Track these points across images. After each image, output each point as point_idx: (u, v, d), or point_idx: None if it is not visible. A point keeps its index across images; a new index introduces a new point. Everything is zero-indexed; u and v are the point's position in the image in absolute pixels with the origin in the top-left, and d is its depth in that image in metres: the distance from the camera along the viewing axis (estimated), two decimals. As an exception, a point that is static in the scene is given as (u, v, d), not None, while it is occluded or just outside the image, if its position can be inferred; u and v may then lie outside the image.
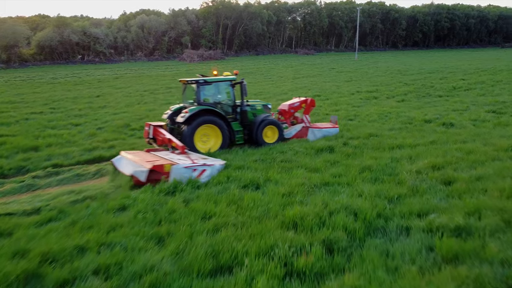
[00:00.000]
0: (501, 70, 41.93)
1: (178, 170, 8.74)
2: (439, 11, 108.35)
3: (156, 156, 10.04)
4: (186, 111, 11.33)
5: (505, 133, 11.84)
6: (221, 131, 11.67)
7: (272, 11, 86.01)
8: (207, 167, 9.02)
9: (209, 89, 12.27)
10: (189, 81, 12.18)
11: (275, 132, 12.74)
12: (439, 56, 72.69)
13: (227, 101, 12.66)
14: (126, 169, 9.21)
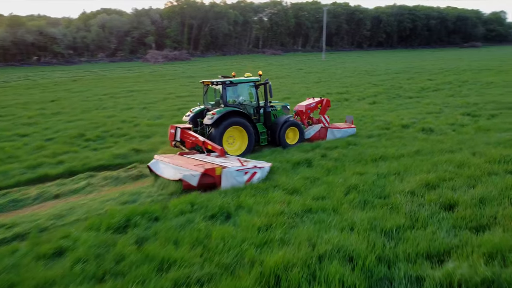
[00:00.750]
0: (464, 70, 42.57)
1: (230, 174, 8.47)
2: (401, 12, 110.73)
3: (197, 159, 9.65)
4: (214, 112, 11.08)
5: (488, 139, 11.16)
6: (248, 133, 11.54)
7: (238, 11, 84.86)
8: (258, 170, 8.81)
9: (234, 90, 12.13)
10: (214, 82, 11.94)
11: (296, 133, 12.68)
12: (403, 56, 73.81)
13: (251, 102, 12.50)
14: (168, 173, 8.92)
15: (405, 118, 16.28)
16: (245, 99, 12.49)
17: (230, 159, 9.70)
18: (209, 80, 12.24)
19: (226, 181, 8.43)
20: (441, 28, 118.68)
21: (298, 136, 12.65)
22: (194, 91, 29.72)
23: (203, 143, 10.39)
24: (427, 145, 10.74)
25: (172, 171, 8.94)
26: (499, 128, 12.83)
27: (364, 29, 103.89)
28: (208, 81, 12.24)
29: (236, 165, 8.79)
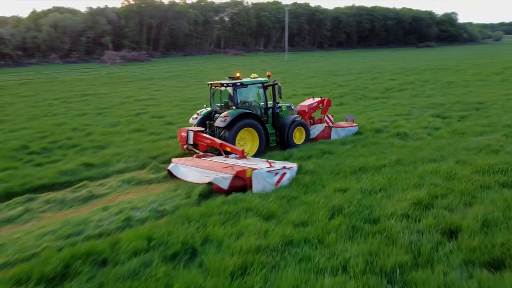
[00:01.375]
0: (424, 70, 43.29)
1: (261, 175, 8.26)
2: (360, 12, 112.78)
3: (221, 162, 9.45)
4: (226, 114, 10.93)
5: (467, 144, 10.65)
6: (259, 134, 11.47)
7: (198, 10, 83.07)
8: (287, 170, 8.63)
9: (244, 91, 11.95)
10: (223, 84, 11.76)
11: (302, 133, 12.75)
12: (364, 56, 74.85)
13: (259, 103, 12.40)
14: (193, 176, 8.76)
15: (376, 121, 15.70)
16: (254, 100, 12.41)
17: (251, 160, 9.63)
18: (218, 82, 12.05)
19: (257, 183, 8.25)
20: (398, 29, 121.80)
21: (304, 136, 12.74)
22: (155, 94, 28.12)
23: (220, 146, 10.34)
24: (406, 152, 10.05)
25: (197, 174, 8.78)
26: (473, 132, 12.42)
27: (325, 29, 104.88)
28: (217, 82, 12.05)
29: (263, 166, 8.60)
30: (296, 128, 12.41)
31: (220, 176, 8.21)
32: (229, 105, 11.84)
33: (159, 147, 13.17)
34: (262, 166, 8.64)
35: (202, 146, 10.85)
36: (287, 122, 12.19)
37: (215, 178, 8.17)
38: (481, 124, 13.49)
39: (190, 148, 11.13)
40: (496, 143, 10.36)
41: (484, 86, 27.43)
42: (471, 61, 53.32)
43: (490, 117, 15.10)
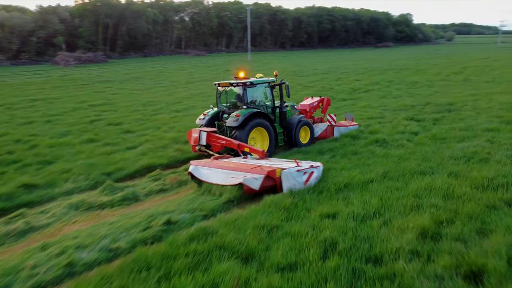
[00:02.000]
0: (387, 70, 43.59)
1: (291, 174, 8.17)
2: (320, 13, 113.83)
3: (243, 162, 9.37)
4: (238, 114, 10.80)
5: (452, 152, 9.92)
6: (269, 134, 11.44)
7: (157, 9, 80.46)
8: (315, 169, 8.59)
9: (253, 91, 11.82)
10: (233, 83, 11.58)
11: (307, 132, 12.78)
12: (326, 56, 75.18)
13: (266, 102, 12.29)
14: (217, 178, 8.65)
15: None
16: (261, 100, 12.26)
17: (272, 160, 9.66)
18: (227, 82, 11.90)
19: (288, 182, 8.13)
20: (357, 29, 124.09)
21: (309, 135, 12.77)
22: (111, 98, 26.15)
23: (238, 146, 10.22)
24: (390, 163, 9.16)
25: (222, 175, 8.66)
26: (454, 137, 11.79)
27: (286, 29, 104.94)
28: (227, 82, 11.90)
29: (291, 165, 8.51)
30: (302, 128, 12.45)
31: (250, 177, 8.06)
32: (237, 105, 11.76)
33: (114, 161, 11.68)
34: (290, 165, 8.56)
35: (217, 147, 10.61)
36: (294, 122, 12.21)
37: (246, 179, 8.00)
38: (459, 127, 12.93)
39: (202, 149, 10.83)
40: (482, 151, 9.71)
41: (448, 86, 27.52)
42: (430, 60, 54.51)
43: (465, 120, 14.65)
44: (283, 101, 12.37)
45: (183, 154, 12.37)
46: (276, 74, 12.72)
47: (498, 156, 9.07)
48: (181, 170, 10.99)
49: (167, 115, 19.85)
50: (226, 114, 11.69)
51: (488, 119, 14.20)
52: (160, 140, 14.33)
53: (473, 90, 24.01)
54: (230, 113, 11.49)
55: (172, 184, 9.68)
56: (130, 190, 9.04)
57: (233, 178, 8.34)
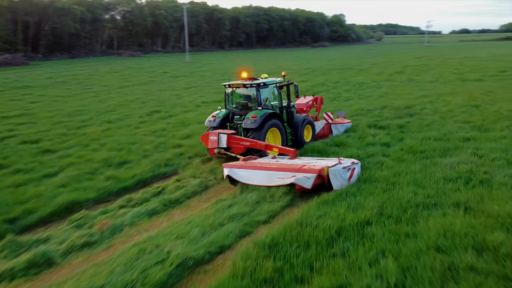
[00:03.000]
0: (330, 70, 43.19)
1: (338, 172, 8.28)
2: (257, 12, 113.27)
3: (281, 162, 9.32)
4: (254, 115, 10.76)
5: (443, 172, 8.47)
6: (281, 134, 11.51)
7: (85, 7, 74.55)
8: (356, 166, 8.81)
9: (265, 92, 11.75)
10: (246, 84, 11.33)
11: (309, 131, 12.93)
12: (266, 56, 74.27)
13: (275, 103, 12.20)
14: (260, 179, 8.54)
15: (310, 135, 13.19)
16: (270, 100, 12.13)
17: (304, 159, 9.76)
18: (239, 83, 11.52)
19: (336, 180, 8.25)
20: (294, 29, 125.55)
21: (311, 134, 12.94)
22: (30, 107, 22.38)
23: (265, 147, 10.19)
24: (379, 192, 7.44)
25: (264, 176, 8.62)
26: (433, 150, 10.48)
27: (224, 29, 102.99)
28: (239, 83, 11.51)
29: (333, 163, 8.63)
30: (305, 127, 12.58)
31: (302, 176, 8.11)
32: (248, 106, 11.68)
33: (23, 198, 8.91)
34: (333, 163, 8.66)
35: (239, 149, 10.41)
36: (299, 121, 12.33)
37: (297, 179, 8.04)
38: (433, 137, 11.71)
39: (222, 152, 10.57)
40: (477, 169, 8.40)
41: (395, 86, 27.10)
42: (368, 60, 55.34)
43: (432, 126, 13.59)
44: (290, 101, 12.43)
45: (117, 182, 9.89)
46: (284, 74, 12.78)
47: (500, 177, 7.77)
48: (114, 207, 8.53)
49: (97, 127, 16.96)
50: (238, 116, 11.63)
51: (457, 125, 13.23)
52: (88, 163, 11.66)
53: (422, 91, 23.58)
54: (241, 114, 11.49)
55: (102, 232, 7.25)
56: (41, 248, 6.47)
57: (279, 179, 8.32)
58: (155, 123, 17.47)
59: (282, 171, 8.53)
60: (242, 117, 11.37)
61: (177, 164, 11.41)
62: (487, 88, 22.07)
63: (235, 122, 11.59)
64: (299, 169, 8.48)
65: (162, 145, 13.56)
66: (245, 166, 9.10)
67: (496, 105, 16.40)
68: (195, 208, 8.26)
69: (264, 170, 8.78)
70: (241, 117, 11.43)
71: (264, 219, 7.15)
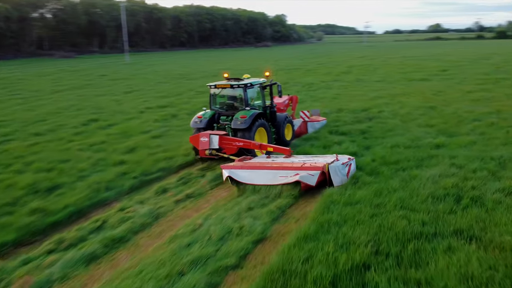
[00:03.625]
0: (277, 70, 42.54)
1: (338, 168, 8.50)
2: (199, 12, 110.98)
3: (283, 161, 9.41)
4: (243, 116, 10.77)
5: (429, 189, 7.54)
6: (267, 133, 11.62)
7: (10, 5, 68.28)
8: (352, 162, 9.06)
9: (251, 92, 11.74)
10: (234, 85, 11.20)
11: (290, 130, 13.03)
12: (210, 56, 72.55)
13: (259, 102, 12.25)
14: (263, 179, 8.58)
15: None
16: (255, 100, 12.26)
17: (299, 157, 9.85)
18: (226, 83, 11.40)
19: (336, 176, 8.44)
20: (237, 29, 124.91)
21: (291, 132, 13.07)
22: None
23: (260, 147, 10.20)
24: (366, 220, 6.37)
25: (267, 176, 8.61)
26: (407, 159, 9.67)
27: (165, 28, 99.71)
28: (226, 84, 11.38)
29: (331, 160, 8.74)
30: (286, 126, 12.66)
31: (306, 174, 8.25)
32: (234, 106, 11.69)
33: None
34: (331, 159, 8.80)
35: (231, 149, 10.40)
36: (281, 120, 12.40)
37: (302, 176, 8.18)
38: (403, 144, 10.95)
39: (214, 153, 10.51)
40: (462, 183, 7.61)
41: (345, 87, 26.77)
42: (314, 60, 55.58)
43: (395, 130, 12.95)
44: (273, 101, 12.48)
45: (45, 216, 8.00)
46: (267, 75, 12.88)
47: (490, 193, 7.02)
48: (41, 252, 6.73)
49: (22, 141, 14.61)
50: (224, 116, 11.57)
51: (421, 129, 12.67)
52: (8, 191, 9.60)
53: (373, 91, 23.33)
54: (228, 114, 11.48)
55: (25, 293, 5.51)
56: None
57: (282, 177, 8.41)
58: (93, 135, 15.42)
59: (285, 170, 8.59)
60: (229, 117, 11.39)
61: (121, 187, 9.70)
62: (436, 88, 22.23)
63: (222, 123, 11.55)
64: (301, 167, 8.54)
65: (101, 162, 11.70)
66: (246, 167, 9.07)
67: (451, 106, 16.25)
68: (146, 249, 6.69)
69: (266, 169, 8.80)
70: (228, 117, 11.45)
71: (234, 263, 5.79)
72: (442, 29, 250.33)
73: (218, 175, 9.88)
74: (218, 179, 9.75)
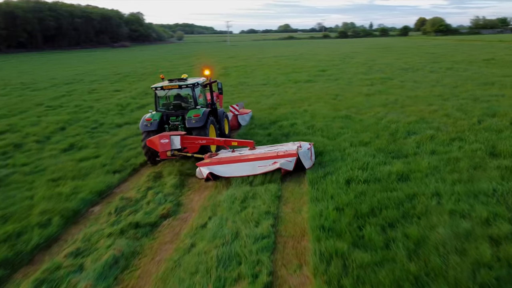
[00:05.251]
0: (144, 74, 37.72)
1: (306, 153, 9.48)
2: (40, 8, 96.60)
3: (254, 153, 10.13)
4: (197, 114, 10.95)
5: (467, 267, 4.99)
6: (215, 129, 12.03)
7: None
8: (311, 147, 9.93)
9: (197, 91, 11.91)
10: (181, 85, 11.31)
11: (226, 124, 13.44)
12: (59, 59, 62.74)
13: (201, 101, 12.33)
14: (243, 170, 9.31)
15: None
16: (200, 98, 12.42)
17: (262, 148, 10.65)
18: (173, 84, 11.31)
19: (306, 160, 9.39)
20: (88, 28, 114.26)
21: (227, 126, 13.47)
22: None
23: (225, 142, 10.59)
24: None
25: (247, 167, 9.32)
26: (382, 207, 7.02)
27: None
28: (173, 84, 11.31)
29: (294, 147, 9.79)
30: (225, 120, 13.17)
31: (285, 161, 9.05)
32: (182, 106, 11.69)
33: None
34: (295, 147, 9.80)
35: (194, 148, 10.52)
36: (221, 116, 12.75)
37: (282, 163, 8.99)
38: (359, 178, 8.33)
39: (176, 154, 10.53)
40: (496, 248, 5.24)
41: (231, 92, 23.94)
42: (182, 61, 51.80)
43: (330, 154, 10.38)
44: (213, 98, 12.87)
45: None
46: (207, 73, 13.03)
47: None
48: None
49: None
50: (174, 117, 11.42)
51: (359, 150, 10.18)
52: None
53: (267, 98, 20.94)
54: (177, 115, 11.41)
55: None
56: None
57: (261, 167, 9.15)
58: None
59: (262, 160, 9.26)
60: (179, 117, 11.35)
61: None
62: (331, 91, 20.89)
63: (173, 123, 11.43)
64: (277, 155, 9.33)
65: None
66: (223, 161, 9.56)
67: (365, 114, 14.60)
68: None
69: (244, 162, 9.37)
70: (177, 118, 11.38)
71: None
72: (292, 29, 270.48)
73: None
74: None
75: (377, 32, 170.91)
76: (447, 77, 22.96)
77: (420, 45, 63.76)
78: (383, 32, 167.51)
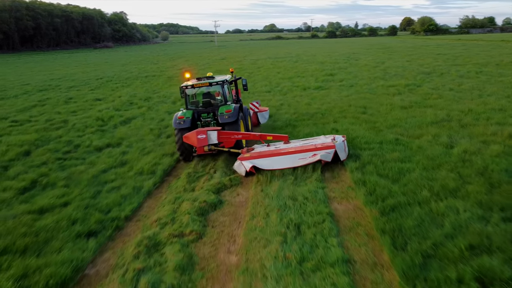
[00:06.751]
0: (128, 78, 33.94)
1: (340, 145, 9.82)
2: (17, 7, 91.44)
3: (293, 146, 10.35)
4: (228, 110, 11.08)
5: None
6: (244, 125, 12.19)
7: None
8: (345, 139, 10.33)
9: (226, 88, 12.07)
10: (212, 83, 11.71)
11: (249, 120, 13.22)
12: (36, 62, 58.29)
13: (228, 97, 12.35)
14: (286, 163, 9.53)
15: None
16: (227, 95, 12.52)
17: (296, 141, 10.88)
18: (204, 82, 11.68)
19: (342, 152, 9.80)
20: (69, 28, 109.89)
21: (250, 123, 13.39)
22: None
23: (260, 137, 10.75)
24: None
25: (288, 160, 9.56)
26: None
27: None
28: (204, 82, 11.67)
29: (329, 140, 10.31)
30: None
31: (324, 153, 9.46)
32: (211, 103, 11.87)
33: None
34: (329, 140, 10.29)
35: (230, 142, 10.71)
36: (245, 111, 12.82)
37: (322, 155, 9.38)
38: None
39: (213, 149, 10.89)
40: None
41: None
42: (169, 63, 48.05)
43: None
44: (239, 94, 13.22)
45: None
46: (232, 70, 13.56)
47: None
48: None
49: None
50: (205, 113, 11.63)
51: (462, 205, 7.07)
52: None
53: (285, 113, 17.62)
54: (208, 111, 11.61)
55: None
56: None
57: (302, 159, 9.48)
58: None
59: (301, 153, 9.63)
60: (210, 114, 11.54)
61: None
62: (354, 102, 17.53)
63: (204, 120, 11.56)
64: (316, 148, 9.72)
65: None
66: (264, 155, 9.80)
67: (422, 139, 11.30)
68: None
69: (284, 155, 9.67)
70: (208, 114, 11.56)
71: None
72: (278, 29, 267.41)
73: None
74: None
75: (365, 32, 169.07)
76: (487, 84, 19.75)
77: (422, 45, 61.01)
78: (371, 31, 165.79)
